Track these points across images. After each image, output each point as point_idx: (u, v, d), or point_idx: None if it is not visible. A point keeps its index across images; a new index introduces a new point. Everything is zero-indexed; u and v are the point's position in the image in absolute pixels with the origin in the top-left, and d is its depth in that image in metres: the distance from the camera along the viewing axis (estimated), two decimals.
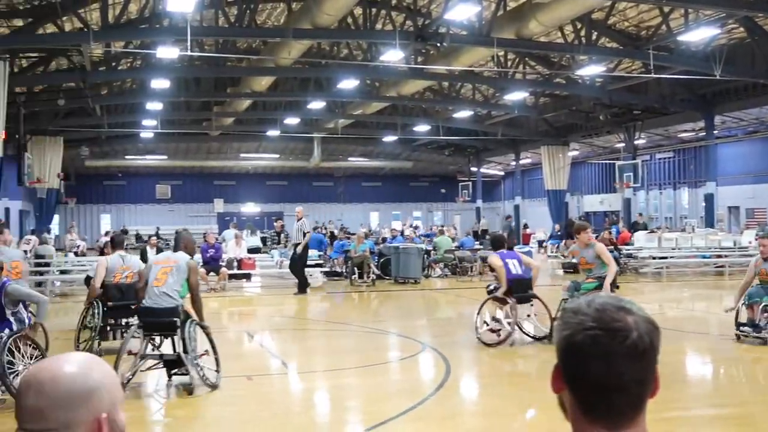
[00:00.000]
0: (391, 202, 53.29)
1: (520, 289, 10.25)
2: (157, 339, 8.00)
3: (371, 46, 25.31)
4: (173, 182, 49.05)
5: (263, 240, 27.76)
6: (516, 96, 28.32)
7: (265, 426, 6.77)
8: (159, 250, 18.45)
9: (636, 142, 30.45)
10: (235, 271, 19.19)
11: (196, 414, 7.23)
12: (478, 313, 10.54)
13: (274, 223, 24.25)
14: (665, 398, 2.61)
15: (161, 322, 7.70)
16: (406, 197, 53.60)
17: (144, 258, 18.17)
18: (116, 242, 10.34)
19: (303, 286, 17.44)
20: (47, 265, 20.21)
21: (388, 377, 9.07)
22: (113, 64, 26.45)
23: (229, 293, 18.30)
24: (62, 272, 20.17)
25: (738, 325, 10.16)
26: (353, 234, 26.17)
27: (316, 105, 30.73)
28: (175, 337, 7.73)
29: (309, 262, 20.32)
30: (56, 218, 38.14)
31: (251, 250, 22.26)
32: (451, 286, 20.01)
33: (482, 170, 47.22)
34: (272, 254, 22.08)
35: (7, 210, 31.66)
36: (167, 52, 20.32)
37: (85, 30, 20.19)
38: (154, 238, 20.95)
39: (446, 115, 34.81)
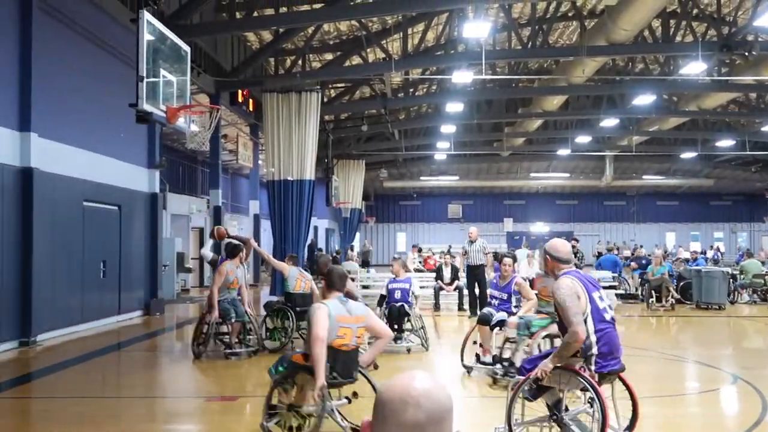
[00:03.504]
0: (689, 222, 50.29)
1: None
2: None
3: (669, 59, 24.19)
4: (464, 202, 50.37)
5: None
6: None
7: None
8: (453, 268, 18.99)
9: None
10: None
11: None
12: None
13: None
14: None
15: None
16: (706, 217, 50.32)
17: (440, 276, 18.91)
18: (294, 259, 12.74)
19: (474, 307, 16.78)
20: (352, 280, 21.67)
21: (692, 409, 8.53)
22: (411, 90, 27.83)
23: None
24: (363, 287, 21.51)
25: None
26: (649, 255, 25.02)
27: (609, 122, 29.95)
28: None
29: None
30: (357, 236, 40.77)
31: None
32: (762, 314, 18.42)
33: None
34: None
35: (315, 228, 34.48)
36: (462, 77, 20.97)
37: (387, 60, 21.46)
38: (447, 255, 21.57)
39: (753, 128, 32.20)
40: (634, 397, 5.79)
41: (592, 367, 5.49)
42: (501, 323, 9.27)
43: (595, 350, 5.46)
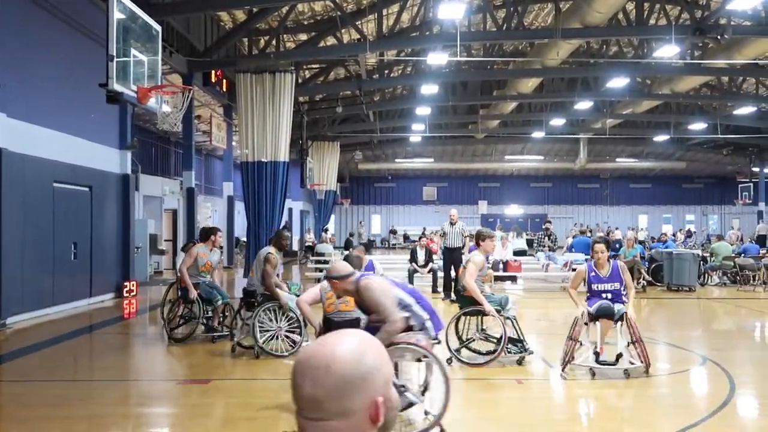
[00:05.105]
0: (662, 205, 50.84)
1: None
2: None
3: (643, 42, 24.31)
4: (439, 184, 50.48)
5: (529, 242, 27.65)
6: None
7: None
8: (428, 251, 19.02)
9: None
10: (501, 273, 19.30)
11: (489, 414, 7.37)
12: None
13: (543, 225, 24.06)
14: None
15: None
16: (678, 200, 50.91)
17: (414, 258, 18.94)
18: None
19: (448, 289, 16.81)
20: (326, 262, 21.71)
21: (662, 390, 8.62)
22: (386, 71, 27.72)
23: None
24: None
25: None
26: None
27: (583, 105, 30.09)
28: None
29: (575, 267, 19.93)
30: (332, 218, 40.72)
31: (517, 252, 22.30)
32: (731, 296, 18.67)
33: (766, 170, 43.47)
34: (538, 257, 21.94)
35: (290, 210, 34.36)
36: (437, 58, 20.94)
37: (362, 41, 21.34)
38: (424, 239, 21.61)
39: (725, 111, 32.51)
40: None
41: (432, 333, 6.07)
42: (622, 316, 8.80)
43: (425, 315, 6.05)
